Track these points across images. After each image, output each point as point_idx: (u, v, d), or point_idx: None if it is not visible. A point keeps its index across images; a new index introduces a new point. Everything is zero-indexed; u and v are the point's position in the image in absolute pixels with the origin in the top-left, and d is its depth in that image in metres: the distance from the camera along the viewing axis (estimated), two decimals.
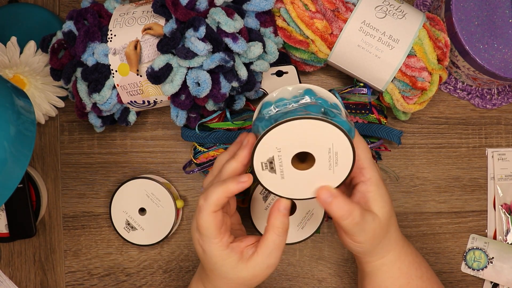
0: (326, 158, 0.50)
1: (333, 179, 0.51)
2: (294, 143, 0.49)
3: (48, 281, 0.70)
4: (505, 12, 0.61)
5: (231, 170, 0.52)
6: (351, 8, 0.60)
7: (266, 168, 0.51)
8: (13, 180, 0.52)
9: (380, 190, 0.53)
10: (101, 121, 0.63)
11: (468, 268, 0.69)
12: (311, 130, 0.49)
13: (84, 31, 0.58)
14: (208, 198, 0.51)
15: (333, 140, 0.49)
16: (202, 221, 0.51)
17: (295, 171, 0.51)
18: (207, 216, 0.51)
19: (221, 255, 0.51)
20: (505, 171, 0.69)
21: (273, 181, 0.51)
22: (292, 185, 0.51)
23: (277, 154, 0.50)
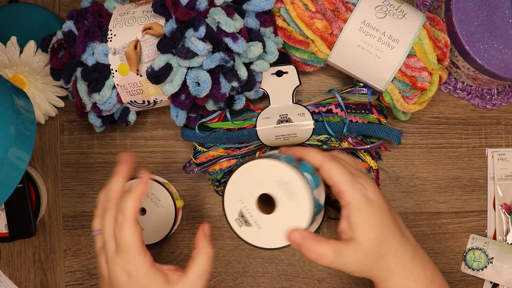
0: (281, 192, 0.51)
1: (301, 211, 0.51)
2: (249, 190, 0.51)
3: (48, 281, 0.70)
4: (505, 12, 0.61)
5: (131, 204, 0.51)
6: (351, 8, 0.60)
7: (242, 224, 0.52)
8: (13, 180, 0.52)
9: (363, 214, 0.49)
10: (101, 121, 0.63)
11: (468, 268, 0.69)
12: (257, 172, 0.51)
13: (84, 31, 0.58)
14: (124, 210, 0.50)
15: (278, 173, 0.51)
16: (125, 236, 0.49)
17: (266, 217, 0.52)
18: (130, 228, 0.50)
19: (148, 274, 0.50)
20: (505, 171, 0.69)
21: (254, 234, 0.52)
22: (272, 232, 0.52)
23: (243, 206, 0.52)
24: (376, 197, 0.51)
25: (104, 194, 0.54)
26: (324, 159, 0.51)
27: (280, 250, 0.70)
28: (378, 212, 0.50)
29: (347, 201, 0.50)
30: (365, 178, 0.52)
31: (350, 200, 0.50)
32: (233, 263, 0.70)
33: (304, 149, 0.53)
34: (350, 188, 0.50)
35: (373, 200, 0.50)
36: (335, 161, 0.51)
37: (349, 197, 0.50)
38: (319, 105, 0.65)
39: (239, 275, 0.70)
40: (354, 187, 0.50)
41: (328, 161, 0.51)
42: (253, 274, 0.70)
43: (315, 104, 0.65)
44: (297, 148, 0.53)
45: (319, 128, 0.64)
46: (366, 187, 0.51)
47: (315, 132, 0.64)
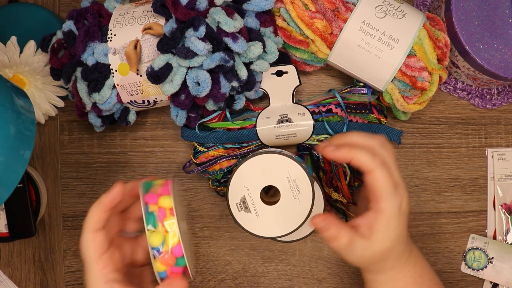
0: (288, 188, 0.56)
1: (302, 208, 0.56)
2: (257, 179, 0.56)
3: (48, 281, 0.70)
4: (505, 12, 0.61)
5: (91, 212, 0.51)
6: (351, 8, 0.60)
7: (242, 209, 0.56)
8: (12, 180, 0.52)
9: (390, 225, 0.51)
10: (101, 121, 0.63)
11: (468, 268, 0.69)
12: (269, 164, 0.56)
13: (84, 31, 0.58)
14: (86, 218, 0.50)
15: (289, 169, 0.55)
16: (82, 243, 0.49)
17: (266, 207, 0.56)
18: (86, 235, 0.49)
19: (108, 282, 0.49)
20: (505, 171, 0.69)
21: (250, 221, 0.56)
22: (268, 222, 0.57)
23: (247, 193, 0.56)
24: (406, 210, 0.52)
25: None
26: (376, 166, 0.50)
27: (280, 250, 0.70)
28: (401, 225, 0.52)
29: (381, 208, 0.50)
30: (404, 188, 0.52)
31: (384, 209, 0.50)
32: (233, 263, 0.70)
33: (354, 151, 0.50)
34: (389, 197, 0.50)
35: (403, 213, 0.51)
36: (385, 169, 0.50)
37: (384, 206, 0.50)
38: (319, 105, 0.65)
39: (239, 275, 0.70)
40: (393, 198, 0.50)
41: (379, 168, 0.50)
42: (253, 274, 0.70)
43: (315, 104, 0.65)
44: (345, 149, 0.51)
45: (319, 128, 0.64)
46: (403, 199, 0.51)
47: (315, 132, 0.64)
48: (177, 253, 0.49)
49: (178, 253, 0.49)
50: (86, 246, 0.50)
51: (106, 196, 0.51)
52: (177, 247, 0.49)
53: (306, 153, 0.66)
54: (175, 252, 0.49)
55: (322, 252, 0.70)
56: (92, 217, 0.50)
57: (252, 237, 0.69)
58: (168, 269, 0.50)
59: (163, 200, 0.50)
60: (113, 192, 0.51)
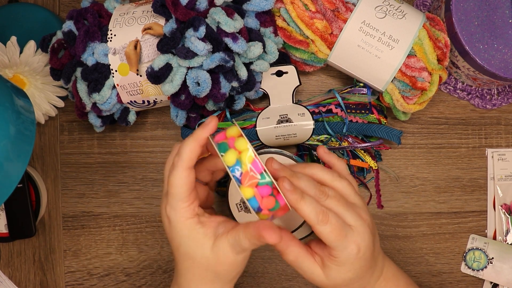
0: None
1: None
2: None
3: (48, 281, 0.70)
4: (505, 12, 0.61)
5: (188, 148, 0.49)
6: (351, 8, 0.60)
7: (242, 209, 0.55)
8: (12, 180, 0.52)
9: (340, 268, 0.50)
10: (101, 121, 0.63)
11: (468, 268, 0.69)
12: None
13: (84, 31, 0.58)
14: (181, 153, 0.49)
15: None
16: (174, 178, 0.48)
17: None
18: (181, 173, 0.48)
19: (186, 224, 0.49)
20: (505, 172, 0.69)
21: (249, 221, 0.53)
22: None
23: None
24: (365, 251, 0.50)
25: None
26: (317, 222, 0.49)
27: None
28: (358, 268, 0.51)
29: (332, 254, 0.50)
30: (361, 230, 0.50)
31: (335, 256, 0.50)
32: None
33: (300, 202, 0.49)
34: (339, 248, 0.49)
35: (360, 257, 0.50)
36: (328, 225, 0.49)
37: (335, 254, 0.50)
38: (319, 105, 0.65)
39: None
40: (344, 248, 0.49)
41: (320, 225, 0.49)
42: (253, 274, 0.70)
43: (315, 104, 0.65)
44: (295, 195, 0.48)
45: (319, 128, 0.64)
46: (360, 244, 0.50)
47: (315, 132, 0.64)
48: (257, 169, 0.47)
49: (257, 169, 0.47)
50: (179, 183, 0.49)
51: (202, 130, 0.49)
52: (254, 163, 0.47)
53: (306, 153, 0.66)
54: (255, 168, 0.47)
55: None
56: (189, 152, 0.49)
57: None
58: (256, 192, 0.47)
59: (230, 131, 0.49)
60: (210, 126, 0.49)
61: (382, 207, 0.69)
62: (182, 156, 0.49)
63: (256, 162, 0.47)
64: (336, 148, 0.64)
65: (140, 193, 0.70)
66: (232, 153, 0.48)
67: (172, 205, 0.49)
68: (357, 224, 0.50)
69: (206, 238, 0.49)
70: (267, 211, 0.48)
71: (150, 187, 0.70)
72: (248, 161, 0.47)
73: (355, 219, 0.51)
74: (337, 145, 0.64)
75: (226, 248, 0.49)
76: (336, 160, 0.54)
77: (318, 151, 0.54)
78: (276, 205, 0.48)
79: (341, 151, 0.65)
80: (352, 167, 0.66)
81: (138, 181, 0.70)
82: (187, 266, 0.50)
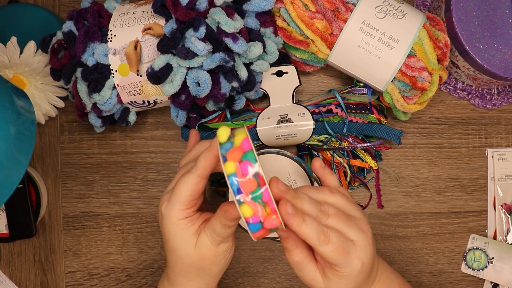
0: None
1: None
2: None
3: (48, 281, 0.70)
4: (505, 12, 0.61)
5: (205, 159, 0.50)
6: (351, 8, 0.60)
7: None
8: (13, 180, 0.52)
9: (341, 281, 0.50)
10: (101, 121, 0.63)
11: (468, 268, 0.69)
12: (269, 164, 0.55)
13: (84, 31, 0.58)
14: (197, 162, 0.50)
15: (289, 169, 0.55)
16: (184, 181, 0.50)
17: None
18: (192, 179, 0.50)
19: (177, 223, 0.51)
20: (505, 171, 0.69)
21: None
22: None
23: None
24: (368, 265, 0.51)
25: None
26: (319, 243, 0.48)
27: (280, 250, 0.70)
28: (358, 281, 0.51)
29: (336, 269, 0.50)
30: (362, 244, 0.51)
31: (338, 271, 0.50)
32: (233, 263, 0.70)
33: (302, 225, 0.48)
34: (343, 265, 0.49)
35: (363, 270, 0.50)
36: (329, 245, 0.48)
37: (338, 269, 0.50)
38: (319, 105, 0.65)
39: (239, 275, 0.70)
40: (347, 264, 0.49)
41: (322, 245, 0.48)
42: (253, 274, 0.70)
43: (315, 104, 0.65)
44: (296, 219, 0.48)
45: (319, 128, 0.64)
46: (363, 258, 0.50)
47: (315, 132, 0.64)
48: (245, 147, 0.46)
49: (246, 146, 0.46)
50: (186, 187, 0.50)
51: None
52: (245, 140, 0.46)
53: (306, 153, 0.66)
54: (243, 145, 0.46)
55: None
56: (205, 163, 0.49)
57: None
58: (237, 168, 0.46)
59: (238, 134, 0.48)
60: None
61: (382, 207, 0.69)
62: (198, 165, 0.50)
63: (246, 139, 0.46)
64: (336, 148, 0.64)
65: (140, 193, 0.70)
66: (225, 130, 0.47)
67: (171, 203, 0.51)
68: (359, 238, 0.50)
69: (192, 237, 0.51)
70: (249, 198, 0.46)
71: (150, 187, 0.70)
72: (239, 139, 0.46)
73: (357, 233, 0.50)
74: (337, 145, 0.64)
75: (206, 242, 0.51)
76: (329, 174, 0.54)
77: (314, 164, 0.54)
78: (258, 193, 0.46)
79: (341, 151, 0.65)
80: (352, 167, 0.66)
81: (138, 181, 0.70)
82: (174, 260, 0.53)
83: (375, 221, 0.69)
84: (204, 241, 0.51)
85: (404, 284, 0.58)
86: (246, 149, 0.46)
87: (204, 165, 0.50)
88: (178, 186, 0.50)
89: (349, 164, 0.65)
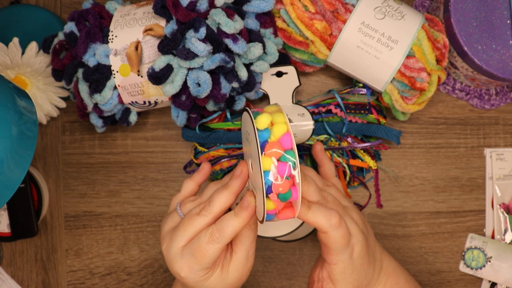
0: None
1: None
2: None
3: (50, 280, 0.71)
4: (503, 13, 0.61)
5: (223, 201, 0.49)
6: (350, 9, 0.60)
7: None
8: (15, 180, 0.52)
9: (345, 272, 0.51)
10: (102, 122, 0.64)
11: (467, 267, 0.69)
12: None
13: (85, 32, 0.59)
14: (224, 231, 0.48)
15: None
16: (209, 251, 0.48)
17: None
18: (218, 250, 0.48)
19: (201, 282, 0.50)
20: (503, 171, 0.69)
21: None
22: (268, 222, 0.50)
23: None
24: (360, 251, 0.52)
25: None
26: (332, 228, 0.48)
27: (280, 250, 0.70)
28: (358, 268, 0.52)
29: (332, 261, 0.51)
30: (357, 233, 0.52)
31: (335, 261, 0.51)
32: None
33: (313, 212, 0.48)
34: (340, 252, 0.50)
35: (357, 257, 0.51)
36: (340, 229, 0.49)
37: (335, 259, 0.51)
38: (319, 106, 0.65)
39: None
40: (344, 250, 0.50)
41: (335, 229, 0.49)
42: (253, 274, 0.70)
43: (314, 104, 0.65)
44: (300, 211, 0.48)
45: (319, 128, 0.64)
46: (354, 247, 0.51)
47: (315, 132, 0.64)
48: (285, 144, 0.43)
49: (286, 144, 0.43)
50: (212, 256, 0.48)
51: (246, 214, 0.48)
52: (285, 136, 0.43)
53: (306, 153, 0.67)
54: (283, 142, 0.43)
55: None
56: (232, 233, 0.48)
57: None
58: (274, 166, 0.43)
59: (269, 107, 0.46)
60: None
61: (381, 207, 0.69)
62: (225, 234, 0.48)
63: (288, 136, 0.44)
64: (335, 148, 0.64)
65: (141, 192, 0.70)
66: (266, 117, 0.44)
67: (193, 270, 0.49)
68: (352, 227, 0.52)
69: (222, 272, 0.50)
70: (276, 197, 0.44)
71: (151, 187, 0.70)
72: (279, 133, 0.44)
73: (350, 222, 0.52)
74: (336, 145, 0.65)
75: (242, 262, 0.50)
76: (326, 161, 0.55)
77: (315, 147, 0.55)
78: (287, 194, 0.45)
79: (341, 151, 0.66)
80: (351, 167, 0.66)
81: (139, 181, 0.70)
82: None
83: (374, 220, 0.69)
84: (240, 261, 0.50)
85: (411, 280, 0.59)
86: (287, 147, 0.43)
87: (231, 235, 0.48)
88: (202, 254, 0.48)
89: (348, 164, 0.66)
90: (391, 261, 0.58)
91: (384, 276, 0.56)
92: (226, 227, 0.48)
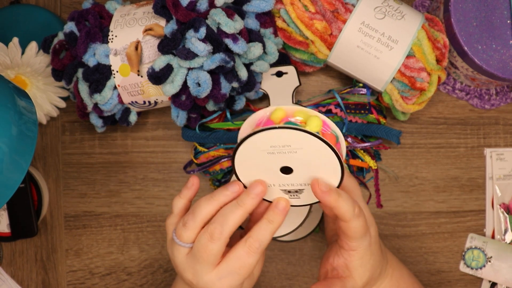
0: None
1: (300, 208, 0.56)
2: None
3: (50, 280, 0.71)
4: (503, 13, 0.61)
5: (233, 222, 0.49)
6: (351, 9, 0.60)
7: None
8: (14, 180, 0.52)
9: (364, 260, 0.52)
10: (102, 122, 0.64)
11: (467, 267, 0.69)
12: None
13: (85, 32, 0.59)
14: (262, 242, 0.49)
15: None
16: (215, 248, 0.49)
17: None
18: (222, 246, 0.49)
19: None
20: (503, 171, 0.69)
21: None
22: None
23: None
24: (376, 236, 0.54)
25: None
26: (354, 217, 0.50)
27: (280, 249, 0.70)
28: (375, 253, 0.53)
29: (353, 247, 0.52)
30: (371, 220, 0.54)
31: (356, 247, 0.51)
32: None
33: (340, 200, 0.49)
34: (360, 240, 0.51)
35: (373, 242, 0.53)
36: (361, 219, 0.50)
37: (355, 245, 0.51)
38: (319, 105, 0.65)
39: None
40: (363, 238, 0.51)
41: (356, 219, 0.50)
42: None
43: (315, 104, 0.65)
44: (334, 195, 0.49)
45: None
46: (371, 232, 0.53)
47: None
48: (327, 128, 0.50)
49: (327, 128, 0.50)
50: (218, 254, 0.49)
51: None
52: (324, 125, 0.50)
53: None
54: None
55: (322, 251, 0.70)
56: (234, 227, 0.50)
57: None
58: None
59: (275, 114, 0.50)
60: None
61: (381, 207, 0.69)
62: (226, 231, 0.49)
63: (326, 124, 0.49)
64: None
65: (141, 192, 0.70)
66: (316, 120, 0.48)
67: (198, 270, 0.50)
68: (369, 214, 0.55)
69: None
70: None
71: (151, 187, 0.70)
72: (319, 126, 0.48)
73: (367, 210, 0.55)
74: None
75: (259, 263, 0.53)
76: None
77: None
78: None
79: None
80: (351, 167, 0.66)
81: (139, 181, 0.70)
82: None
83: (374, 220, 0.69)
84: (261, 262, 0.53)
85: (412, 276, 0.60)
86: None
87: (268, 243, 0.50)
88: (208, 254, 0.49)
89: (348, 164, 0.66)
90: (393, 255, 0.59)
91: (390, 269, 0.57)
92: (262, 237, 0.50)
